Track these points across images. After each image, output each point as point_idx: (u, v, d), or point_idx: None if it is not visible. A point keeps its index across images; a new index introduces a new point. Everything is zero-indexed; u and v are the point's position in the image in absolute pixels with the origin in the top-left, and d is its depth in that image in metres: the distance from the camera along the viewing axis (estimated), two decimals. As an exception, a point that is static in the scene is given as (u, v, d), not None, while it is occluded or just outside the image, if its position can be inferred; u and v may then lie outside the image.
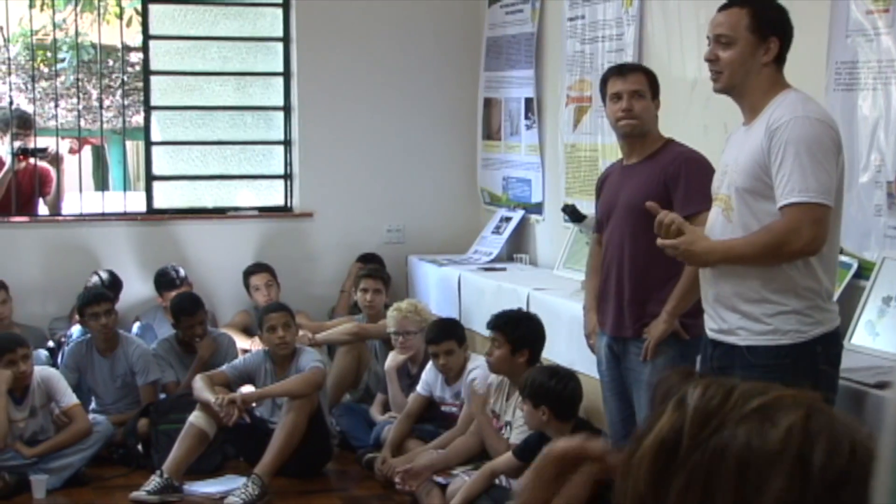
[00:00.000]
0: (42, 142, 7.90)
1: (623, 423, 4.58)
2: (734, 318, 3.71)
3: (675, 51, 5.75)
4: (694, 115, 5.37)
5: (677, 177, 4.33)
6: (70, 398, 6.21)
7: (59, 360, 6.97)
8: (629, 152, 4.58)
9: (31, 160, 7.75)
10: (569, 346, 5.79)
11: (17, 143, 7.65)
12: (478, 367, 6.05)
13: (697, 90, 5.34)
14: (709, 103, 5.14)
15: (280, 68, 8.11)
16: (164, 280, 7.53)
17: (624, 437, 4.56)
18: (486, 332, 6.64)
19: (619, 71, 4.63)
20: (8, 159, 7.66)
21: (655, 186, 4.35)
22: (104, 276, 7.45)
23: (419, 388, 6.22)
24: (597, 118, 6.59)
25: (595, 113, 6.61)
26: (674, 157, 4.42)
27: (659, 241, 3.72)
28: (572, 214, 6.19)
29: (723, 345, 3.78)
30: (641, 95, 4.47)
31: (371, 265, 7.55)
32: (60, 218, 7.89)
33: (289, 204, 8.23)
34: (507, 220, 7.74)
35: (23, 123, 7.79)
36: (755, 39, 3.69)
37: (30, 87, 8.82)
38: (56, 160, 7.84)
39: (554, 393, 5.06)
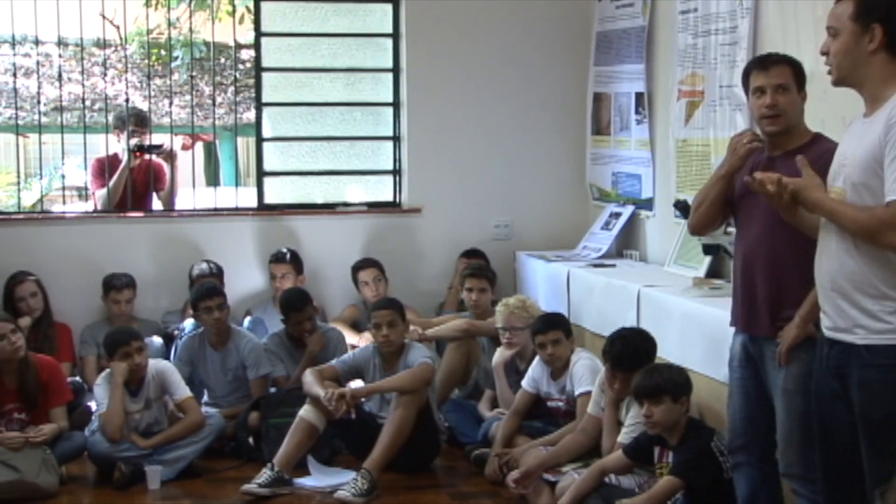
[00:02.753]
0: (156, 139, 8.03)
1: (743, 421, 4.50)
2: (853, 314, 3.62)
3: (790, 44, 5.62)
4: (811, 108, 5.21)
5: (820, 176, 4.20)
6: (183, 391, 6.30)
7: (171, 353, 7.08)
8: (772, 146, 4.43)
9: (147, 156, 7.88)
10: (680, 343, 5.72)
11: (133, 141, 7.78)
12: (582, 359, 6.01)
13: (815, 83, 5.19)
14: (826, 96, 5.01)
15: (389, 64, 8.14)
16: (274, 255, 7.67)
17: (743, 434, 4.51)
18: (597, 331, 6.63)
19: (761, 63, 4.47)
20: (124, 156, 7.80)
21: None
22: (210, 265, 7.57)
23: (525, 384, 6.19)
24: (709, 112, 6.48)
25: (707, 107, 6.51)
26: (820, 154, 4.15)
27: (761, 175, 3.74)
28: (684, 210, 6.10)
29: (839, 344, 3.68)
30: (786, 89, 4.35)
31: (476, 263, 7.52)
32: (174, 213, 8.01)
33: (397, 199, 8.25)
34: (617, 215, 7.67)
35: (139, 121, 7.93)
36: (857, 28, 3.61)
37: (145, 84, 8.97)
38: (170, 156, 7.96)
39: (689, 383, 5.07)
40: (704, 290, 5.83)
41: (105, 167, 7.83)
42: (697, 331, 5.44)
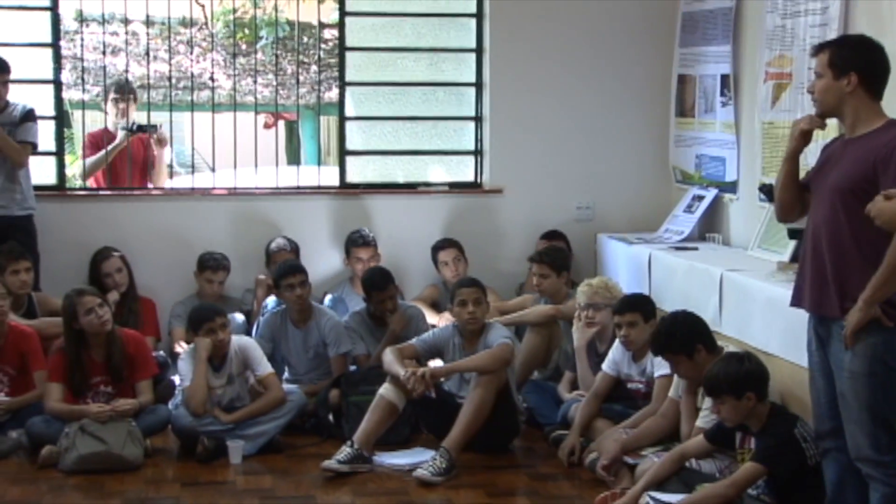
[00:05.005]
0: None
1: (829, 404, 4.48)
2: None
3: (885, 24, 5.53)
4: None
5: (888, 160, 4.18)
6: (265, 367, 6.36)
7: (253, 330, 7.15)
8: (846, 130, 4.49)
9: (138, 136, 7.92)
10: (764, 328, 5.67)
11: (126, 120, 7.84)
12: None
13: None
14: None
15: (473, 44, 8.13)
16: (353, 237, 7.69)
17: (830, 419, 4.47)
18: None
19: (812, 51, 4.63)
20: (120, 134, 7.84)
21: (863, 168, 4.24)
22: (287, 240, 7.63)
23: (606, 367, 6.16)
24: (797, 95, 6.39)
25: (795, 90, 6.42)
26: (889, 139, 4.25)
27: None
28: (769, 194, 6.04)
29: None
30: (820, 76, 4.44)
31: (549, 247, 7.45)
32: (256, 191, 8.08)
33: (479, 180, 8.25)
34: (700, 198, 7.60)
35: (122, 90, 7.94)
36: None
37: (229, 63, 9.05)
38: (160, 141, 7.95)
39: (754, 375, 4.96)
40: (789, 274, 5.74)
41: (101, 141, 7.89)
42: (781, 316, 5.37)
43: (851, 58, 4.35)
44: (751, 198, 7.00)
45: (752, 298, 5.84)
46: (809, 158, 4.92)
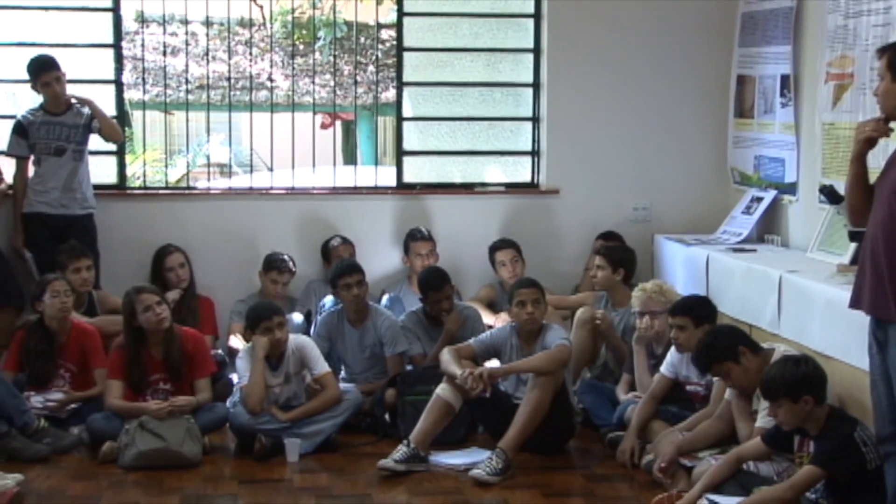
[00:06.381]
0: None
1: (890, 408, 4.45)
2: None
3: (947, 25, 5.48)
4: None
5: None
6: (322, 366, 6.39)
7: (311, 329, 7.19)
8: None
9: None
10: (823, 331, 5.63)
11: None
12: None
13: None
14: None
15: (530, 45, 8.12)
16: (412, 232, 7.77)
17: (891, 422, 4.42)
18: (737, 317, 6.52)
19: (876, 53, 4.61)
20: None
21: None
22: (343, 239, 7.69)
23: (664, 369, 6.13)
24: (858, 95, 6.33)
25: (857, 90, 6.36)
26: None
27: None
28: (830, 195, 5.99)
29: None
30: (882, 77, 4.45)
31: (609, 245, 7.44)
32: (314, 191, 8.12)
33: (535, 180, 8.24)
34: (759, 199, 7.55)
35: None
36: None
37: (287, 63, 9.10)
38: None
39: (811, 378, 4.91)
40: (849, 277, 5.69)
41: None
42: (841, 319, 5.32)
43: None
44: (810, 199, 6.94)
45: (812, 301, 5.79)
46: (871, 161, 4.87)
